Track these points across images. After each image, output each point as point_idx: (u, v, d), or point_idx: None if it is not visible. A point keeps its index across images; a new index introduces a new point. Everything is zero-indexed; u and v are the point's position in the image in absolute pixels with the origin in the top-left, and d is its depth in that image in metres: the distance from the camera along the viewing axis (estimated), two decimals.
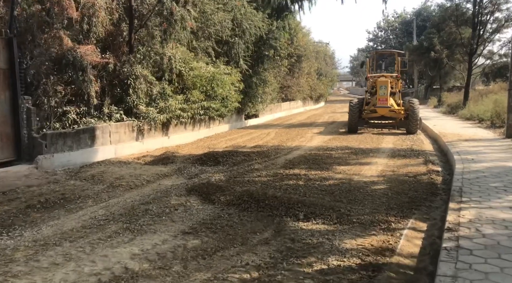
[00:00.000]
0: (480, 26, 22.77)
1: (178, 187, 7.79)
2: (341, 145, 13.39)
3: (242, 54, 19.42)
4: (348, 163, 10.17)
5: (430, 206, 6.60)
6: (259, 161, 10.33)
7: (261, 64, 21.61)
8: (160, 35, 13.12)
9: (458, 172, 8.05)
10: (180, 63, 14.44)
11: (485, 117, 17.77)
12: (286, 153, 11.87)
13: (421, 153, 11.63)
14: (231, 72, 17.95)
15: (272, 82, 25.42)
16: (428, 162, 10.12)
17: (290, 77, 32.70)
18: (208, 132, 17.20)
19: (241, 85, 19.09)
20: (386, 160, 10.69)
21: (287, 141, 14.81)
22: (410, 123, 16.52)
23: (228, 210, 6.34)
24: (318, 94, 43.64)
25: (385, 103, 16.66)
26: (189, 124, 15.73)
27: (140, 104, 12.60)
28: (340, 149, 12.63)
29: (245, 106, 21.70)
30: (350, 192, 7.33)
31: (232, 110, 18.93)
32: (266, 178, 8.44)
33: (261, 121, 24.60)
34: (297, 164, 9.95)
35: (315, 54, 42.08)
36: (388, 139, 15.22)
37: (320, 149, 12.53)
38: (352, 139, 15.06)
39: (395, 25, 64.80)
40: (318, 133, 17.41)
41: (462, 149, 10.79)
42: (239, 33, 19.04)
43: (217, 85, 16.26)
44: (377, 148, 12.89)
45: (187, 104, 14.60)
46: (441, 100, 31.29)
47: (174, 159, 10.54)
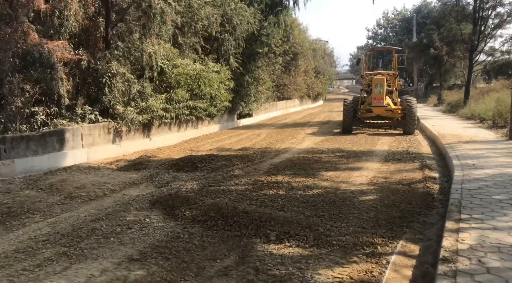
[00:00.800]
0: (481, 21, 21.86)
1: (143, 198, 6.94)
2: (332, 148, 12.53)
3: (233, 51, 18.57)
4: (337, 168, 9.32)
5: (424, 222, 5.74)
6: (240, 166, 9.48)
7: (253, 62, 20.75)
8: (139, 30, 12.26)
9: (457, 180, 7.19)
10: (163, 60, 13.60)
11: (487, 117, 16.90)
12: (272, 156, 11.02)
13: (417, 157, 10.78)
14: (220, 70, 17.10)
15: (266, 80, 24.59)
16: (425, 167, 9.26)
17: (286, 75, 31.86)
18: (195, 133, 16.35)
19: (232, 83, 18.27)
20: (379, 164, 9.83)
21: (277, 142, 13.96)
22: (407, 123, 15.66)
23: (191, 228, 5.49)
24: (316, 93, 42.77)
25: (381, 102, 15.79)
26: (174, 124, 14.88)
27: (117, 104, 11.75)
28: (331, 152, 11.78)
29: (237, 106, 20.87)
30: (334, 204, 6.48)
31: (222, 109, 18.09)
32: (244, 187, 7.60)
33: (255, 121, 23.76)
34: (281, 170, 9.10)
35: (313, 52, 41.23)
36: (383, 140, 14.37)
37: (309, 152, 11.68)
38: (345, 141, 14.21)
39: (394, 23, 63.68)
40: (310, 134, 16.56)
41: (462, 153, 9.93)
42: (229, 29, 18.19)
43: (204, 83, 15.42)
44: (370, 150, 12.03)
45: (170, 103, 13.75)
46: (441, 99, 30.40)
47: (148, 164, 9.69)
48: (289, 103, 34.10)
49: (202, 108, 15.95)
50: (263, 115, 26.54)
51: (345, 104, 16.46)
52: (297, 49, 31.84)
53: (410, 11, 59.90)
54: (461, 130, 14.73)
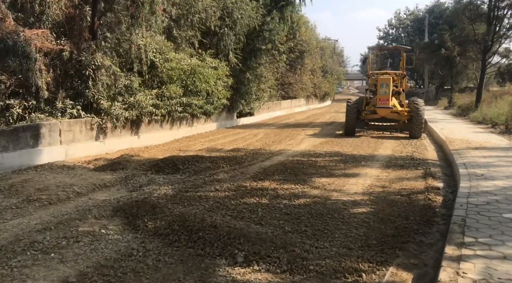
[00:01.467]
0: (496, 21, 20.82)
1: (107, 204, 6.20)
2: (331, 151, 11.72)
3: (232, 46, 17.81)
4: (332, 175, 8.51)
5: (421, 242, 4.93)
6: (226, 169, 8.71)
7: (254, 58, 19.95)
8: (127, 20, 11.54)
9: (463, 192, 6.35)
10: (154, 54, 12.87)
11: (499, 121, 15.95)
12: (264, 159, 10.23)
13: (421, 163, 9.92)
14: (217, 65, 16.35)
15: (268, 78, 23.77)
16: (428, 176, 8.41)
17: (291, 73, 31.03)
18: (189, 131, 15.61)
19: (230, 80, 17.51)
20: (379, 171, 9.00)
21: (273, 144, 13.17)
22: (414, 127, 14.76)
23: (150, 243, 4.74)
24: (323, 93, 41.86)
25: (386, 103, 14.91)
26: (166, 122, 14.15)
27: (101, 99, 11.04)
28: (328, 155, 10.96)
29: (237, 104, 20.10)
30: (321, 217, 5.69)
31: (219, 107, 17.34)
32: (224, 193, 6.83)
33: (256, 120, 22.97)
34: (270, 175, 8.31)
35: (320, 51, 40.30)
36: (387, 144, 13.50)
37: (305, 155, 10.87)
38: (346, 143, 13.37)
39: (406, 23, 62.48)
40: (311, 135, 15.73)
41: (471, 160, 9.06)
42: (229, 23, 17.43)
43: (199, 79, 14.66)
44: (372, 155, 11.20)
45: (161, 99, 13.02)
46: (452, 101, 29.36)
47: (127, 164, 8.95)
48: (294, 103, 33.26)
49: (197, 106, 15.21)
50: (266, 114, 25.73)
51: (348, 105, 15.61)
52: (303, 47, 30.96)
53: (422, 11, 58.70)
54: (471, 135, 13.82)
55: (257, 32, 19.44)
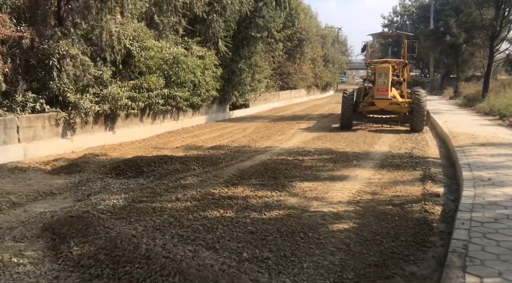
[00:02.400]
0: (505, 5, 19.48)
1: (40, 219, 5.20)
2: (322, 148, 10.66)
3: (222, 34, 16.68)
4: (316, 178, 7.47)
5: (412, 275, 3.90)
6: (198, 172, 7.69)
7: (247, 47, 18.79)
8: (96, 4, 10.47)
9: (466, 204, 5.29)
10: (131, 41, 11.80)
11: (508, 113, 14.79)
12: (245, 158, 9.20)
13: (421, 162, 8.85)
14: (205, 54, 15.25)
15: (264, 68, 22.62)
16: (427, 179, 7.36)
17: (290, 63, 29.81)
18: (173, 125, 14.58)
19: (220, 70, 16.43)
20: (371, 172, 7.95)
21: (260, 139, 12.12)
22: (415, 119, 13.64)
23: (65, 279, 3.74)
24: (325, 83, 40.62)
25: (385, 94, 13.78)
26: (147, 116, 13.14)
27: (68, 91, 10.03)
28: (318, 153, 9.91)
29: (229, 95, 19.04)
30: (292, 236, 4.67)
31: (208, 99, 16.28)
32: (184, 204, 5.82)
33: (251, 112, 21.90)
34: (246, 178, 7.29)
35: (321, 39, 38.96)
36: (385, 138, 12.42)
37: (292, 153, 9.83)
38: (340, 138, 12.30)
39: (411, 10, 60.78)
40: (304, 129, 14.67)
41: (476, 160, 7.98)
42: (218, 9, 16.28)
43: (183, 69, 13.59)
44: (366, 152, 10.13)
45: (139, 91, 11.98)
46: (458, 91, 28.10)
47: (86, 166, 7.94)
48: (294, 93, 32.12)
49: (182, 98, 14.16)
50: (263, 105, 24.64)
51: (344, 96, 14.49)
52: (302, 35, 29.68)
53: None
54: (477, 128, 12.69)
55: (249, 18, 18.27)
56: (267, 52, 24.06)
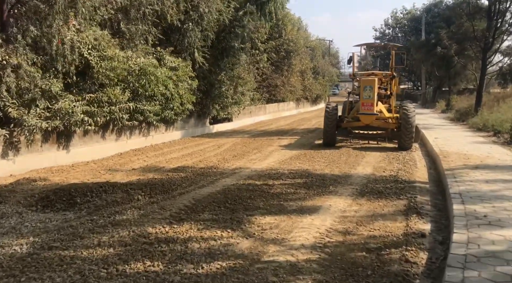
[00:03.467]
0: (498, 15, 18.62)
1: None
2: (298, 169, 9.53)
3: (199, 44, 15.64)
4: (282, 210, 6.32)
5: None
6: (141, 204, 6.51)
7: (226, 58, 17.75)
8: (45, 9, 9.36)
9: (457, 257, 4.15)
10: (89, 50, 10.69)
11: (503, 129, 13.76)
12: (207, 183, 8.04)
13: (407, 188, 7.75)
14: (178, 65, 14.19)
15: (248, 80, 21.57)
16: (412, 211, 6.25)
17: (277, 75, 28.83)
18: (142, 142, 13.41)
19: (196, 82, 15.38)
20: (348, 201, 6.83)
21: (233, 158, 10.98)
22: (403, 136, 12.58)
23: None
24: (315, 95, 39.68)
25: (370, 109, 12.72)
26: (111, 132, 12.00)
27: (9, 106, 8.86)
28: (292, 176, 8.77)
29: (209, 109, 17.96)
30: None
31: (183, 113, 15.16)
32: (105, 251, 4.64)
33: (233, 126, 20.81)
34: (199, 211, 6.14)
35: (311, 51, 38.13)
36: (370, 157, 11.32)
37: (263, 176, 8.69)
38: (321, 157, 11.20)
39: (403, 22, 60.41)
40: (284, 146, 13.55)
41: (469, 188, 6.88)
42: (194, 17, 15.26)
43: (152, 81, 12.50)
44: (347, 174, 9.02)
45: (98, 105, 10.84)
46: (450, 104, 27.18)
47: (10, 195, 6.74)
48: (282, 106, 31.12)
49: (152, 112, 13.05)
50: (247, 119, 23.58)
51: (326, 111, 13.42)
52: (290, 47, 28.77)
53: (420, 10, 56.60)
54: (469, 147, 11.64)
55: (229, 28, 17.28)
56: (252, 64, 23.06)
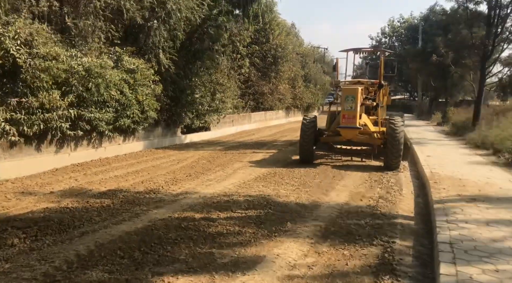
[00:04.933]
0: (498, 21, 17.06)
1: None
2: (259, 194, 7.82)
3: (165, 44, 13.99)
4: (209, 264, 4.60)
5: None
6: (14, 251, 4.77)
7: (199, 62, 16.10)
8: None
9: None
10: (18, 47, 9.00)
11: (504, 148, 12.11)
12: (129, 216, 6.31)
13: (385, 226, 6.08)
14: (136, 67, 12.52)
15: (227, 87, 19.89)
16: (385, 268, 4.57)
17: (264, 82, 27.19)
18: (91, 155, 11.66)
19: (160, 87, 13.73)
20: (305, 248, 5.13)
21: (186, 178, 9.27)
22: (389, 154, 10.91)
23: None
24: (307, 104, 38.02)
25: (352, 122, 11.03)
26: (49, 143, 10.28)
27: None
28: (247, 205, 7.06)
29: (179, 117, 16.26)
30: None
31: (144, 121, 13.48)
32: None
33: (210, 136, 19.11)
34: (90, 267, 4.42)
35: (302, 58, 36.57)
36: (349, 179, 9.63)
37: (210, 206, 6.97)
38: (292, 178, 9.51)
39: (400, 31, 59.09)
40: (255, 162, 11.84)
41: (464, 234, 5.20)
42: (161, 15, 13.62)
43: (100, 84, 10.81)
44: (315, 203, 7.32)
45: (28, 112, 9.13)
46: (446, 116, 25.60)
47: None
48: (269, 115, 29.46)
49: (102, 120, 11.36)
50: (228, 128, 21.90)
51: (303, 123, 11.75)
52: (278, 53, 27.18)
53: (417, 18, 55.27)
54: (466, 169, 9.98)
55: (202, 29, 15.65)
56: (233, 69, 21.42)
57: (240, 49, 20.56)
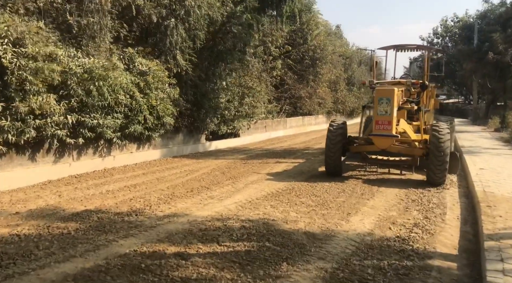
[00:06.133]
0: None
1: None
2: (261, 218, 6.41)
3: (183, 44, 12.91)
4: None
5: None
6: None
7: (223, 63, 14.90)
8: None
9: None
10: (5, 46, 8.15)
11: None
12: (84, 249, 5.08)
13: (414, 273, 4.49)
14: (148, 69, 11.52)
15: (258, 90, 18.57)
16: None
17: (301, 85, 25.67)
18: (96, 165, 10.72)
19: (176, 90, 12.69)
20: None
21: (183, 196, 7.99)
22: (432, 167, 9.11)
23: None
24: (350, 109, 36.00)
25: (387, 129, 9.31)
26: (46, 152, 9.43)
27: None
28: (239, 235, 5.66)
29: (203, 123, 15.13)
30: None
31: (161, 128, 12.48)
32: None
33: (238, 143, 17.90)
34: None
35: (345, 60, 34.66)
36: (380, 198, 7.98)
37: (192, 235, 5.64)
38: (310, 195, 8.01)
39: (454, 31, 55.28)
40: (274, 175, 10.41)
41: None
42: (179, 13, 12.58)
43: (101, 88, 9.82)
44: (328, 234, 5.79)
45: (13, 119, 8.25)
46: (505, 122, 22.91)
47: None
48: (307, 120, 27.89)
49: (109, 126, 10.40)
50: (260, 134, 20.60)
51: (329, 130, 10.17)
52: (317, 54, 25.59)
53: (473, 17, 51.43)
54: None
55: (225, 27, 14.47)
56: (265, 71, 20.08)
57: (272, 50, 19.19)
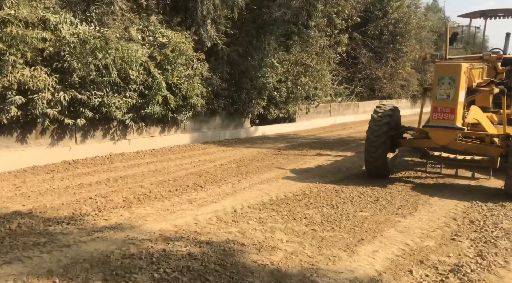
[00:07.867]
0: None
1: None
2: (223, 241, 4.58)
3: (216, 13, 11.25)
4: None
5: None
6: None
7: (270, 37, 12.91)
8: None
9: None
10: None
11: None
12: None
13: None
14: (168, 41, 10.06)
15: (317, 69, 16.24)
16: None
17: (379, 65, 22.67)
18: (103, 149, 9.56)
19: (206, 66, 11.16)
20: None
21: (160, 197, 6.35)
22: (510, 173, 6.47)
23: None
24: None
25: (449, 119, 6.78)
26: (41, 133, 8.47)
27: None
28: (161, 274, 3.92)
29: (245, 105, 13.37)
30: None
31: (188, 110, 11.08)
32: None
33: (290, 129, 15.93)
34: None
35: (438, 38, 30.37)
36: (420, 216, 5.64)
37: (101, 265, 4.02)
38: (327, 205, 5.96)
39: None
40: (301, 171, 8.39)
41: None
42: None
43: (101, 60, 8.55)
44: (308, 276, 3.79)
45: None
46: None
47: None
48: None
49: (118, 106, 9.18)
50: (322, 119, 18.37)
51: (373, 118, 7.83)
52: (398, 29, 22.33)
53: None
54: None
55: None
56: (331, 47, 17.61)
57: (337, 23, 16.68)
